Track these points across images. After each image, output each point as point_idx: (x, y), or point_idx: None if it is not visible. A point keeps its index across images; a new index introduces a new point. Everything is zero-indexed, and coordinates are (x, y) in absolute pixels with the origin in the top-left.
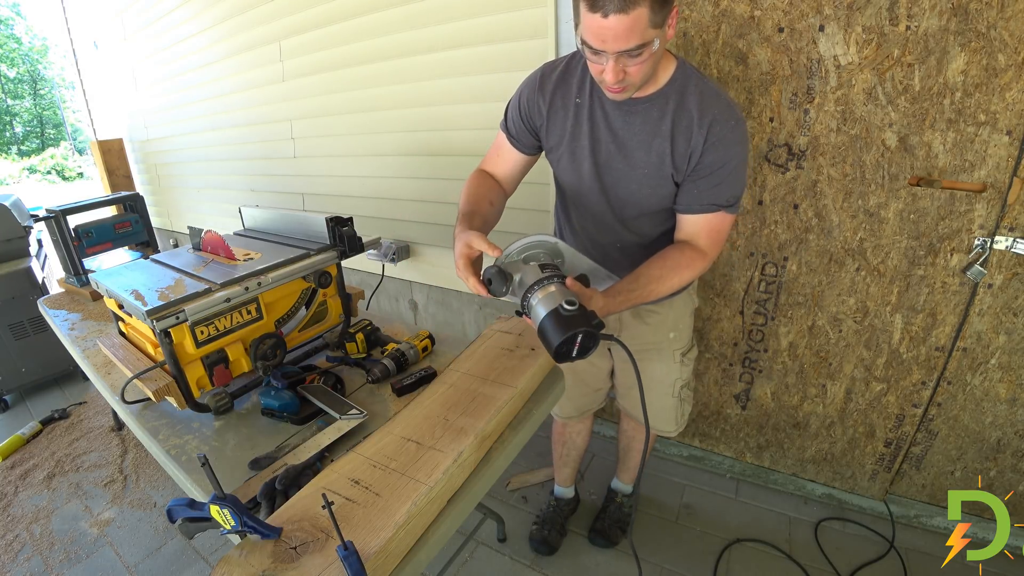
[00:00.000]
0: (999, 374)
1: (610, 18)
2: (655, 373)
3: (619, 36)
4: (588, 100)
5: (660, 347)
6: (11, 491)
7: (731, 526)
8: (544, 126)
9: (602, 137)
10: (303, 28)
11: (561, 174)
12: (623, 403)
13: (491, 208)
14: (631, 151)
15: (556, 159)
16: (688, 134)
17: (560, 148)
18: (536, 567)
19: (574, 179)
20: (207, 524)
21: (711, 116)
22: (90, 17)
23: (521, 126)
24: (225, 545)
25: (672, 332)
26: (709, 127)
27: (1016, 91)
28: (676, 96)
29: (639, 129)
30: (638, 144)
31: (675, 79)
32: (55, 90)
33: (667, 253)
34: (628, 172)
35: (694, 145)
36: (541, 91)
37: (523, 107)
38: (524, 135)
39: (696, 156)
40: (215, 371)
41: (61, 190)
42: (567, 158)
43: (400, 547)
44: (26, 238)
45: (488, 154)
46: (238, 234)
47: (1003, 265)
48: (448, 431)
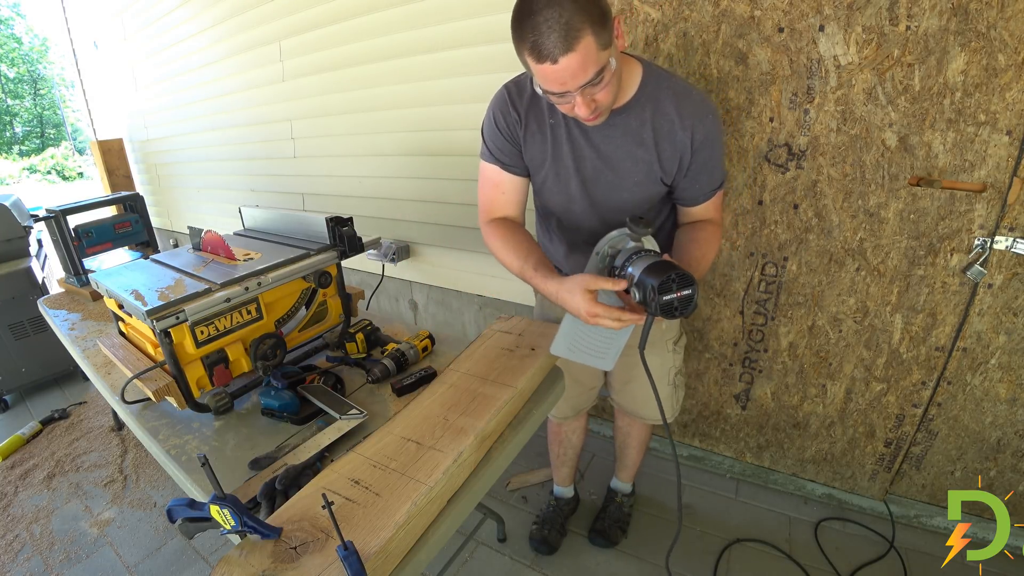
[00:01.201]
0: (999, 374)
1: (560, 62)
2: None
3: (576, 74)
4: (563, 120)
5: (652, 339)
6: (11, 491)
7: (731, 526)
8: (523, 145)
9: (585, 154)
10: (303, 28)
11: (548, 195)
12: (618, 399)
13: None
14: (617, 163)
15: (540, 181)
16: (672, 138)
17: (543, 170)
18: (536, 567)
19: (562, 199)
20: (207, 524)
21: (691, 117)
22: (90, 17)
23: (509, 148)
24: (225, 545)
25: (664, 323)
26: (693, 129)
27: (1016, 91)
28: (651, 102)
29: (621, 141)
30: (623, 155)
31: (645, 83)
32: (55, 90)
33: (698, 236)
34: (618, 183)
35: (682, 148)
36: (516, 111)
37: (502, 127)
38: (515, 157)
39: (688, 157)
40: (215, 371)
41: (61, 190)
42: (552, 179)
43: (400, 547)
44: (26, 238)
45: (488, 198)
46: (238, 234)
47: (1003, 265)
48: (448, 431)
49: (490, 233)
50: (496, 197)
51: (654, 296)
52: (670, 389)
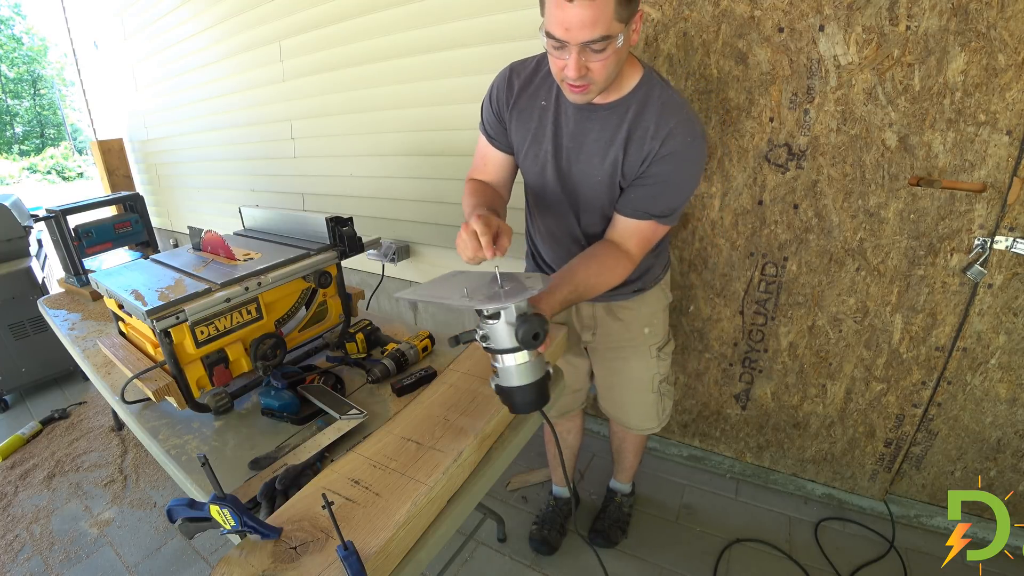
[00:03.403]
0: (999, 374)
1: (575, 3)
2: (633, 370)
3: (584, 23)
4: (553, 104)
5: (635, 343)
6: (11, 491)
7: (731, 526)
8: (509, 124)
9: (563, 142)
10: (303, 28)
11: (526, 174)
12: (604, 405)
13: (501, 201)
14: (588, 157)
15: (521, 159)
16: (641, 144)
17: (523, 149)
18: (536, 567)
19: (538, 180)
20: (207, 524)
21: (668, 129)
22: (90, 17)
23: (497, 125)
24: (225, 545)
25: (647, 328)
26: (664, 139)
27: (1016, 91)
28: (637, 105)
29: (597, 136)
30: (594, 151)
31: (639, 87)
32: (55, 90)
33: (599, 254)
34: (585, 177)
35: (646, 154)
36: (508, 89)
37: (494, 105)
38: (501, 134)
39: (646, 164)
40: (215, 371)
41: (61, 190)
42: (530, 159)
43: (400, 547)
44: (26, 238)
45: (475, 164)
46: (238, 234)
47: (1003, 265)
48: (448, 431)
49: (464, 190)
50: (479, 164)
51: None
52: (655, 397)
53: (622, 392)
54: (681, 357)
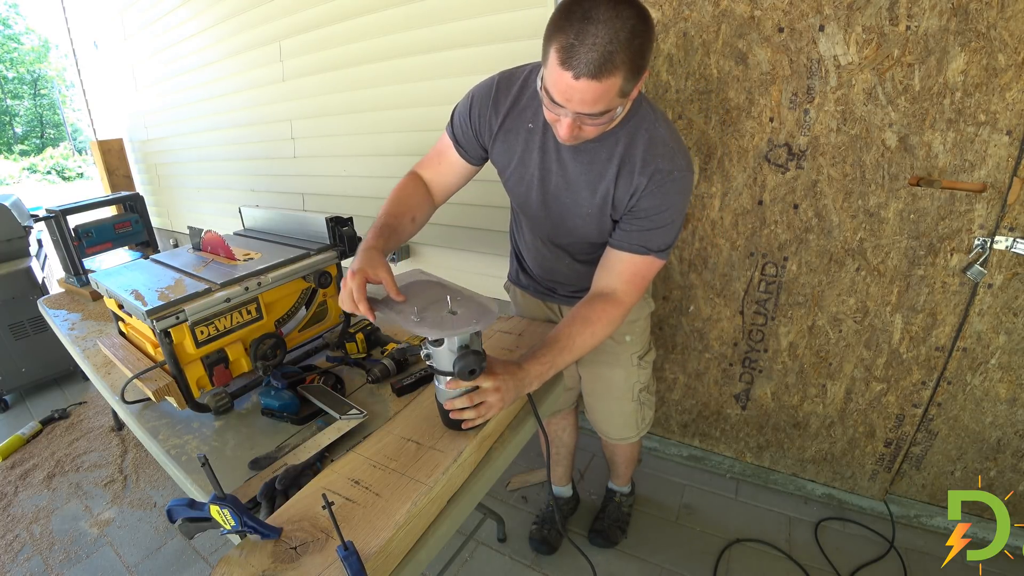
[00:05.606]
0: (999, 374)
1: (580, 81)
2: (613, 378)
3: (585, 101)
4: (541, 128)
5: (616, 352)
6: (11, 491)
7: (731, 526)
8: (492, 144)
9: (552, 168)
10: (303, 28)
11: (510, 192)
12: (588, 414)
13: (412, 225)
14: (578, 189)
15: (506, 179)
16: (630, 178)
17: (508, 170)
18: (536, 567)
19: (523, 200)
20: (207, 524)
21: (655, 165)
22: (90, 17)
23: (470, 135)
24: (225, 545)
25: (628, 336)
26: (651, 175)
27: (1016, 91)
28: (626, 138)
29: (586, 168)
30: (584, 183)
31: (629, 119)
32: (55, 90)
33: (592, 319)
34: (573, 208)
35: (635, 187)
36: (495, 107)
37: (474, 118)
38: (472, 145)
39: (635, 199)
40: (215, 371)
41: (61, 190)
42: (515, 180)
43: (400, 547)
44: (26, 238)
45: (428, 157)
46: (238, 234)
47: (1003, 265)
48: (448, 431)
49: (400, 182)
50: (433, 160)
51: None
52: (634, 406)
53: (604, 400)
54: (681, 357)
